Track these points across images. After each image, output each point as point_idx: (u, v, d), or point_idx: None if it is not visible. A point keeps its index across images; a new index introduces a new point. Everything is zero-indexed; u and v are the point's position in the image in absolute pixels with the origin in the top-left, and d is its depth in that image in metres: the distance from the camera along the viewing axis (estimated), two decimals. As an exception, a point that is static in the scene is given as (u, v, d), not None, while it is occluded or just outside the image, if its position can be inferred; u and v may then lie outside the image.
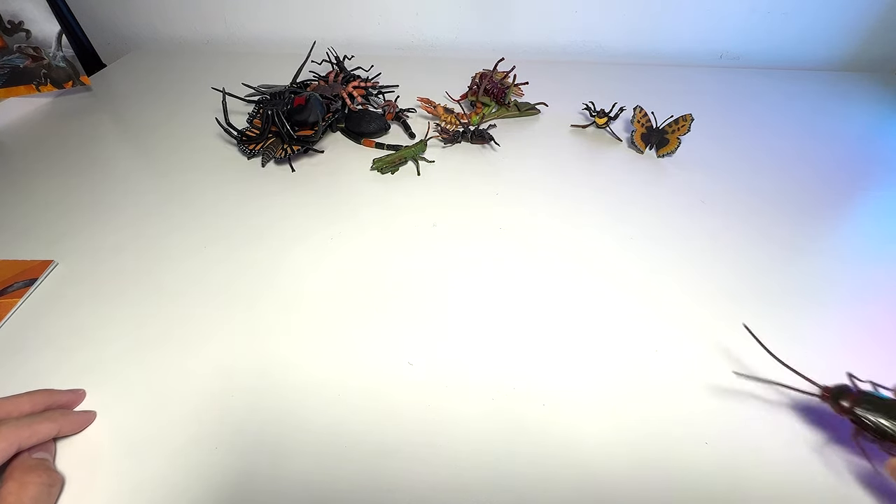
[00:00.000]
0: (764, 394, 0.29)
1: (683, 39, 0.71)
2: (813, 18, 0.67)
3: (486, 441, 0.26)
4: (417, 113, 0.58)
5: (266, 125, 0.50)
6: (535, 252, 0.38)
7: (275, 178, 0.47)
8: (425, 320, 0.33)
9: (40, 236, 0.41)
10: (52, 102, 0.62)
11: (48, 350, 0.32)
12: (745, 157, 0.50)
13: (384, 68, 0.64)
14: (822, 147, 0.51)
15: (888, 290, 0.34)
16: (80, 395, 0.28)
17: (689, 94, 0.62)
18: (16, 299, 0.35)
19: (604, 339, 0.32)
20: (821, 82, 0.65)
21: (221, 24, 0.77)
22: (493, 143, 0.51)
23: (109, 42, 0.80)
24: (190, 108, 0.60)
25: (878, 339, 0.32)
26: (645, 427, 0.27)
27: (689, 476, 0.25)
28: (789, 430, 0.27)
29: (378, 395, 0.29)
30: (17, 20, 0.56)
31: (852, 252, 0.38)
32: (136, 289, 0.36)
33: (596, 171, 0.48)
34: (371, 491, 0.25)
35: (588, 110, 0.54)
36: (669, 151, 0.49)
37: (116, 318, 0.34)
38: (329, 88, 0.56)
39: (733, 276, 0.36)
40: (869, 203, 0.44)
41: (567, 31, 0.73)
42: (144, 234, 0.41)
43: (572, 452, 0.26)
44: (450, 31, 0.75)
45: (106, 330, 0.33)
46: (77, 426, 0.27)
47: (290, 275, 0.37)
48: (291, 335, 0.32)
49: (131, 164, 0.51)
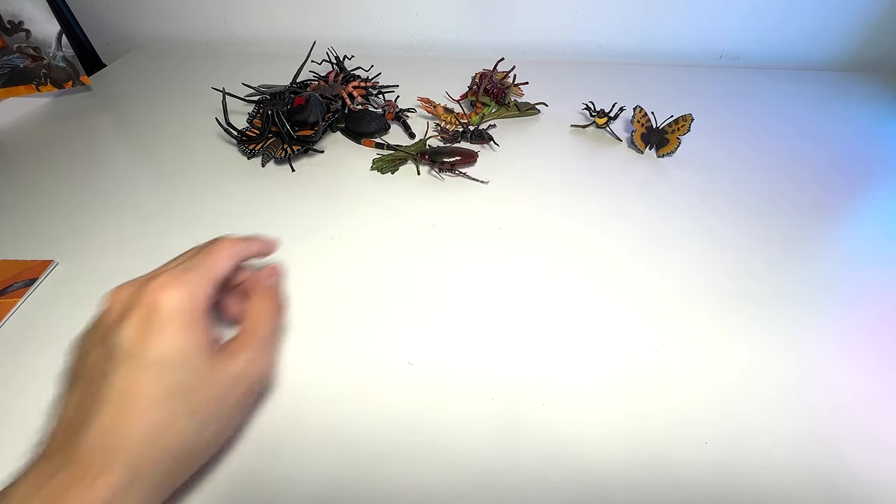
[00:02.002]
0: (764, 393, 0.29)
1: (683, 39, 0.71)
2: (813, 18, 0.67)
3: (486, 441, 0.26)
4: (417, 113, 0.58)
5: (266, 125, 0.50)
6: (535, 252, 0.38)
7: (275, 178, 0.47)
8: (425, 320, 0.33)
9: (40, 236, 0.41)
10: (52, 102, 0.62)
11: (48, 350, 0.32)
12: (745, 157, 0.50)
13: (384, 68, 0.64)
14: (821, 147, 0.51)
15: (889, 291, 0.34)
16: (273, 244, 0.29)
17: (689, 94, 0.62)
18: (16, 299, 0.35)
19: (604, 339, 0.32)
20: (821, 82, 0.65)
21: (221, 24, 0.77)
22: (492, 143, 0.51)
23: (109, 42, 0.80)
24: (190, 108, 0.60)
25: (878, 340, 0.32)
26: (645, 427, 0.27)
27: (689, 476, 0.25)
28: (790, 431, 0.27)
29: (378, 395, 0.29)
30: (17, 20, 0.56)
31: (852, 252, 0.38)
32: (136, 289, 0.36)
33: (596, 171, 0.48)
34: (371, 491, 0.25)
35: (588, 110, 0.54)
36: (669, 151, 0.49)
37: (116, 318, 0.34)
38: (329, 88, 0.56)
39: (733, 276, 0.36)
40: (869, 203, 0.44)
41: (567, 31, 0.73)
42: (145, 234, 0.41)
43: (572, 452, 0.26)
44: (450, 31, 0.75)
45: (106, 330, 0.33)
46: (270, 249, 0.29)
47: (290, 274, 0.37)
48: (291, 335, 0.32)
49: (131, 163, 0.51)
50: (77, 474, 0.18)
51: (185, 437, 0.20)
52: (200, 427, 0.21)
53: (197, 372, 0.21)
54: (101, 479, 0.18)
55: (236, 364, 0.22)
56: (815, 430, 0.27)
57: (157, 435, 0.19)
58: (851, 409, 0.28)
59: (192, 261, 0.23)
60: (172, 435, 0.20)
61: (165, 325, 0.20)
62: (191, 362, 0.21)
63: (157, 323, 0.20)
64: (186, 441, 0.20)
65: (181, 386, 0.20)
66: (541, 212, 0.43)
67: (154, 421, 0.19)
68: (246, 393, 0.23)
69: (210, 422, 0.21)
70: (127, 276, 0.37)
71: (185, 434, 0.20)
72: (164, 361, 0.20)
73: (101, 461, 0.18)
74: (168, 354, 0.20)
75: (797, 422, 0.27)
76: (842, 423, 0.27)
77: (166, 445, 0.20)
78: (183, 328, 0.21)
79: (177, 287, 0.21)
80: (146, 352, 0.20)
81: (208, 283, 0.23)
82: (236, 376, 0.22)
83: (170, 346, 0.20)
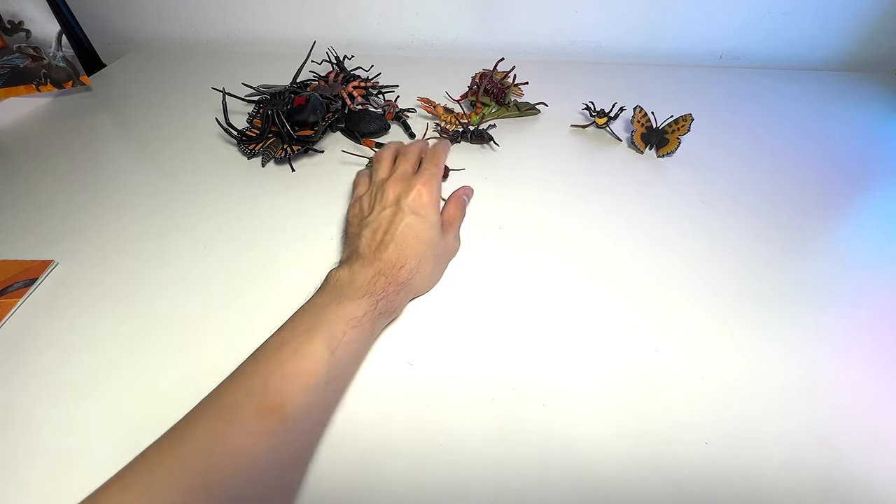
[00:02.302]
0: (764, 393, 0.29)
1: (683, 39, 0.71)
2: (813, 18, 0.67)
3: (486, 441, 0.26)
4: (417, 113, 0.58)
5: (266, 125, 0.50)
6: (535, 252, 0.38)
7: (275, 178, 0.47)
8: (425, 320, 0.33)
9: (40, 236, 0.41)
10: (52, 102, 0.62)
11: (48, 350, 0.32)
12: (745, 157, 0.50)
13: (384, 68, 0.64)
14: (822, 147, 0.51)
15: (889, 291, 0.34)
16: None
17: (689, 94, 0.62)
18: (16, 299, 0.35)
19: (604, 339, 0.32)
20: (821, 82, 0.65)
21: (221, 24, 0.77)
22: (492, 143, 0.51)
23: (109, 42, 0.80)
24: (190, 108, 0.60)
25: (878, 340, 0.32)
26: (645, 427, 0.27)
27: (689, 476, 0.25)
28: (790, 431, 0.27)
29: (378, 395, 0.29)
30: (17, 20, 0.56)
31: (853, 252, 0.38)
32: (136, 289, 0.36)
33: (596, 171, 0.48)
34: (371, 491, 0.25)
35: (588, 110, 0.54)
36: (669, 151, 0.49)
37: (116, 318, 0.34)
38: (329, 88, 0.56)
39: (733, 276, 0.36)
40: (869, 203, 0.44)
41: (567, 31, 0.73)
42: (145, 234, 0.41)
43: (572, 452, 0.26)
44: (450, 31, 0.75)
45: (106, 330, 0.33)
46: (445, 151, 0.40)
47: (291, 274, 0.37)
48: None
49: (131, 163, 0.51)
50: (388, 265, 0.31)
51: (429, 269, 0.33)
52: (433, 266, 0.34)
53: (438, 234, 0.34)
54: (404, 268, 0.31)
55: (448, 237, 0.36)
56: (815, 431, 0.27)
57: (420, 257, 0.32)
58: (852, 409, 0.28)
59: (430, 168, 0.36)
60: (425, 261, 0.33)
61: (426, 203, 0.34)
62: (436, 228, 0.34)
63: (422, 201, 0.34)
64: (426, 271, 0.33)
65: (433, 238, 0.33)
66: (541, 212, 0.43)
67: (419, 251, 0.32)
68: (448, 258, 0.37)
69: (437, 265, 0.35)
70: (127, 276, 0.37)
71: (429, 267, 0.33)
72: (427, 222, 0.33)
73: (399, 262, 0.31)
74: (428, 218, 0.33)
75: (797, 422, 0.27)
76: (842, 424, 0.27)
77: (422, 267, 0.32)
78: (433, 207, 0.34)
79: (431, 186, 0.35)
80: (418, 212, 0.33)
81: (439, 182, 0.36)
82: (447, 244, 0.36)
83: (428, 214, 0.34)
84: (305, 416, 0.24)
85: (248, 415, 0.22)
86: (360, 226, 0.34)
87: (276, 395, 0.23)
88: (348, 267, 0.30)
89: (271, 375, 0.23)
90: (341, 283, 0.29)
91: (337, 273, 0.30)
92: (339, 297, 0.28)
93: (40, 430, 0.28)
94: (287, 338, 0.25)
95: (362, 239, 0.32)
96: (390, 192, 0.34)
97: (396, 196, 0.34)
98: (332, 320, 0.26)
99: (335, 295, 0.28)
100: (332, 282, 0.29)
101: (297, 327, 0.26)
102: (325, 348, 0.25)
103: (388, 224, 0.32)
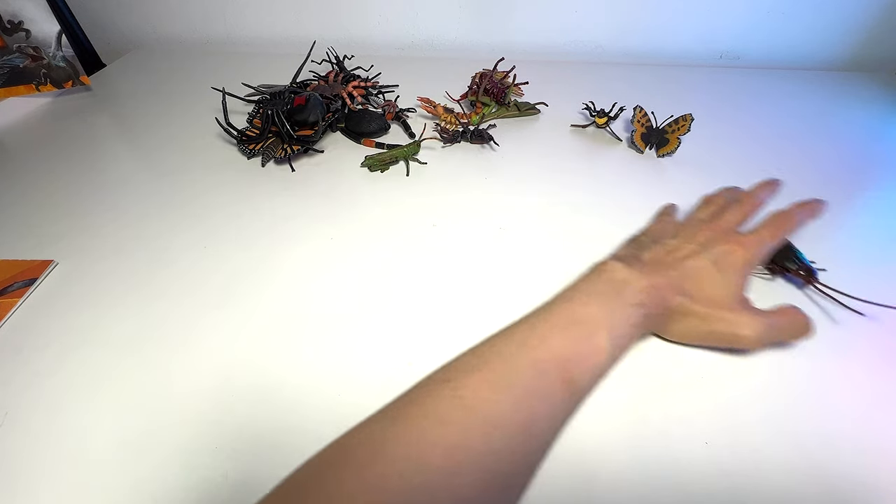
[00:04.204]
0: (764, 393, 0.29)
1: (683, 39, 0.71)
2: (813, 18, 0.67)
3: (486, 441, 0.26)
4: (417, 113, 0.58)
5: (266, 125, 0.50)
6: (536, 252, 0.38)
7: (275, 178, 0.47)
8: (425, 320, 0.33)
9: (40, 236, 0.41)
10: (52, 102, 0.62)
11: (48, 350, 0.32)
12: (745, 157, 0.50)
13: (384, 68, 0.64)
14: (821, 147, 0.51)
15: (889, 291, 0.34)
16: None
17: (689, 94, 0.62)
18: (16, 299, 0.35)
19: (604, 339, 0.32)
20: (821, 82, 0.65)
21: (221, 24, 0.77)
22: (492, 143, 0.51)
23: (109, 42, 0.80)
24: (190, 107, 0.60)
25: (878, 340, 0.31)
26: (645, 427, 0.27)
27: (688, 476, 0.25)
28: (790, 431, 0.27)
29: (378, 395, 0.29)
30: (17, 20, 0.56)
31: (852, 252, 0.38)
32: (137, 288, 0.36)
33: (596, 171, 0.48)
34: (371, 491, 0.25)
35: (588, 110, 0.54)
36: (669, 151, 0.49)
37: (116, 318, 0.34)
38: (329, 88, 0.56)
39: (733, 276, 0.36)
40: (869, 203, 0.43)
41: (567, 31, 0.73)
42: (144, 234, 0.41)
43: (572, 452, 0.26)
44: (450, 31, 0.75)
45: (106, 330, 0.33)
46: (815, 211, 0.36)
47: (290, 274, 0.37)
48: (291, 334, 0.32)
49: (131, 163, 0.51)
50: (664, 284, 0.29)
51: (691, 323, 0.29)
52: (697, 323, 0.29)
53: (728, 300, 0.29)
54: (676, 297, 0.29)
55: (738, 317, 0.29)
56: (815, 431, 0.27)
57: (695, 302, 0.29)
58: (852, 409, 0.28)
59: (764, 233, 0.32)
60: (693, 310, 0.29)
61: (734, 263, 0.30)
62: (727, 291, 0.30)
63: (730, 259, 0.30)
64: (687, 321, 0.29)
65: (716, 298, 0.29)
66: (541, 212, 0.42)
67: (698, 296, 0.29)
68: (716, 335, 0.29)
69: (700, 325, 0.29)
70: (127, 276, 0.37)
71: (693, 321, 0.29)
72: (725, 280, 0.30)
73: (674, 288, 0.29)
74: (727, 277, 0.30)
75: (797, 422, 0.27)
76: (842, 424, 0.27)
77: (689, 314, 0.29)
78: (740, 273, 0.30)
79: (751, 252, 0.31)
80: (719, 265, 0.30)
81: (764, 252, 0.32)
82: (728, 321, 0.29)
83: (729, 274, 0.30)
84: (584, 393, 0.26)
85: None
86: (654, 241, 0.33)
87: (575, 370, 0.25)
88: (627, 267, 0.29)
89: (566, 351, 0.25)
90: (617, 280, 0.28)
91: (613, 266, 0.29)
92: (618, 294, 0.28)
93: (40, 430, 0.28)
94: (571, 319, 0.27)
95: (651, 251, 0.31)
96: (701, 235, 0.32)
97: (705, 241, 0.32)
98: (617, 313, 0.27)
99: (613, 289, 0.28)
100: (608, 273, 0.29)
101: (576, 314, 0.27)
102: (607, 340, 0.26)
103: (683, 257, 0.30)
